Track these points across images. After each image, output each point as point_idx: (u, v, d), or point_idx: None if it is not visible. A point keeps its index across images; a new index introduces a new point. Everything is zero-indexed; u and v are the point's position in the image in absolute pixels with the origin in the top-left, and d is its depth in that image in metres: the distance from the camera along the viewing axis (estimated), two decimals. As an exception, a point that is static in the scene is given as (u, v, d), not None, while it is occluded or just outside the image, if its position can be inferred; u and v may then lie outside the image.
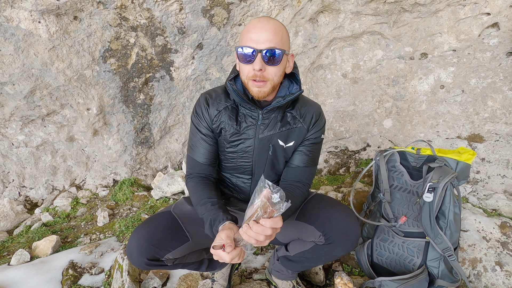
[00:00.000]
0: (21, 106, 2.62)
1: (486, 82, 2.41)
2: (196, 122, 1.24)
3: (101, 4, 2.26)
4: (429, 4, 2.33)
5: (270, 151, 1.21)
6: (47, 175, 3.13)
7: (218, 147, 1.27)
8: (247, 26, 1.08)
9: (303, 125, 1.22)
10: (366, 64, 2.84)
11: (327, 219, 1.15)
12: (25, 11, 2.14)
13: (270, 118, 1.18)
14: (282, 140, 1.21)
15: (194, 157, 1.25)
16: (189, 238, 1.20)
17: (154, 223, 1.18)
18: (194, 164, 1.25)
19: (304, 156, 1.25)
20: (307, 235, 1.21)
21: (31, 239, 2.30)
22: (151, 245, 1.09)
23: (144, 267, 1.12)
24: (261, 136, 1.20)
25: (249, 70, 1.06)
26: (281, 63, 1.07)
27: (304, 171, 1.25)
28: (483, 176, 2.44)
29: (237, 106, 1.21)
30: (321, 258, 1.25)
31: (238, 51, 1.07)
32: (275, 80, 1.09)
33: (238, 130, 1.20)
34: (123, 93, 2.83)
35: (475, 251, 1.66)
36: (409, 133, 2.82)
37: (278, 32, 1.04)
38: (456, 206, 1.48)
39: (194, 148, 1.25)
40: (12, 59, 2.32)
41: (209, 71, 2.91)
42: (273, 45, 1.03)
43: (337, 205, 1.20)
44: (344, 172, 3.19)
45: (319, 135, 1.26)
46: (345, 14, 2.57)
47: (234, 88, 1.13)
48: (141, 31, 2.49)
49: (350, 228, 1.13)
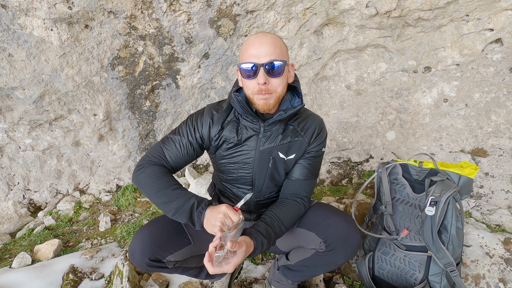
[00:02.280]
0: (30, 111, 2.68)
1: (489, 96, 2.42)
2: (188, 128, 1.23)
3: (112, 13, 2.33)
4: (432, 19, 2.36)
5: (270, 163, 1.23)
6: (52, 179, 3.16)
7: (218, 160, 1.28)
8: (246, 44, 1.10)
9: (304, 138, 1.23)
10: (370, 76, 2.87)
11: (327, 226, 1.16)
12: (39, 19, 2.21)
13: (271, 131, 1.20)
14: (283, 153, 1.23)
15: (165, 151, 1.21)
16: (191, 242, 1.22)
17: (158, 224, 1.20)
18: (160, 155, 1.21)
19: (304, 169, 1.26)
20: (308, 242, 1.22)
21: (33, 242, 2.32)
22: (154, 245, 1.11)
23: (145, 268, 1.14)
24: (262, 148, 1.21)
25: (254, 85, 1.09)
26: (283, 74, 1.10)
27: (304, 184, 1.26)
28: (486, 191, 2.43)
29: (238, 118, 1.22)
30: (322, 266, 1.25)
31: (241, 68, 1.09)
32: (279, 91, 1.12)
33: (240, 141, 1.21)
34: (130, 99, 2.88)
35: (478, 267, 1.63)
36: (412, 145, 2.82)
37: (276, 44, 1.08)
38: (459, 220, 1.47)
39: (171, 144, 1.22)
40: (24, 64, 2.39)
41: (214, 80, 2.96)
42: (273, 58, 1.05)
43: (338, 213, 1.21)
44: (346, 183, 3.18)
45: (320, 148, 1.27)
46: (350, 27, 2.62)
47: (239, 99, 1.15)
48: (150, 40, 2.55)
49: (351, 235, 1.14)
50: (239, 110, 1.17)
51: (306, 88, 3.02)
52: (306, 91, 3.03)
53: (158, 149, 1.22)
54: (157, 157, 1.20)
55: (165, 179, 1.13)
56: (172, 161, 1.21)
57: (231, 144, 1.22)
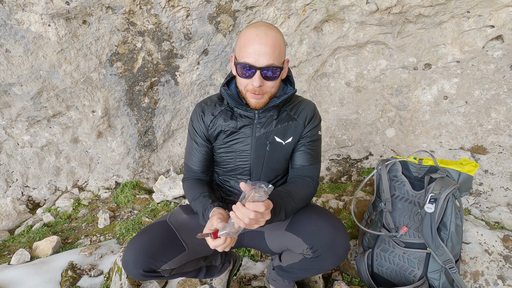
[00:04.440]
0: (28, 107, 2.66)
1: (490, 94, 2.41)
2: (192, 132, 1.29)
3: (110, 9, 2.31)
4: (433, 15, 2.35)
5: (268, 147, 1.23)
6: (50, 176, 3.16)
7: (215, 150, 1.29)
8: (245, 37, 1.05)
9: (299, 121, 1.24)
10: (370, 73, 2.86)
11: (313, 232, 1.14)
12: (36, 15, 2.19)
13: (266, 117, 1.21)
14: (280, 137, 1.23)
15: (189, 164, 1.32)
16: (186, 248, 1.19)
17: (150, 233, 1.17)
18: (188, 170, 1.33)
19: (306, 154, 1.25)
20: (296, 247, 1.20)
21: (32, 239, 2.32)
22: (147, 257, 1.08)
23: (140, 279, 1.12)
24: (258, 134, 1.21)
25: (248, 83, 1.08)
26: (279, 77, 1.09)
27: (310, 169, 1.25)
28: (486, 188, 2.43)
29: (231, 108, 1.23)
30: (311, 270, 1.24)
31: (237, 64, 1.08)
32: (272, 91, 1.13)
33: (236, 129, 1.22)
34: (128, 96, 2.86)
35: (477, 264, 1.64)
36: (412, 143, 2.81)
37: (276, 46, 1.03)
38: (458, 217, 1.47)
39: (189, 156, 1.32)
40: (21, 60, 2.37)
41: (213, 77, 2.94)
42: (271, 62, 1.03)
43: (325, 217, 1.18)
44: (345, 181, 3.18)
45: (316, 131, 1.27)
46: (350, 24, 2.60)
47: (229, 93, 1.16)
48: (148, 36, 2.53)
49: (337, 242, 1.11)
50: (231, 103, 1.19)
51: (306, 85, 3.00)
52: (305, 88, 3.01)
53: (185, 166, 1.36)
54: (186, 172, 1.35)
55: (190, 192, 1.26)
56: (199, 168, 1.31)
57: (227, 132, 1.23)
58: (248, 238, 1.36)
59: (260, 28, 1.04)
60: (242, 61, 1.05)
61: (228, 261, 1.50)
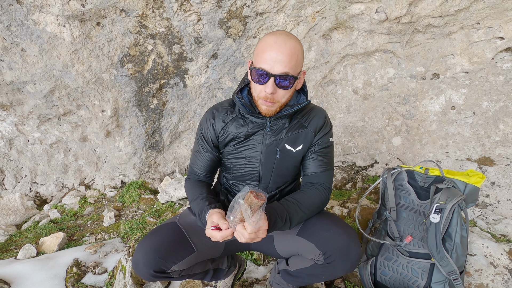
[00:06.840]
0: (40, 105, 2.72)
1: (498, 105, 2.40)
2: (200, 137, 1.31)
3: (124, 12, 2.36)
4: (442, 26, 2.36)
5: (278, 155, 1.23)
6: (58, 173, 3.21)
7: (224, 156, 1.31)
8: (264, 43, 1.07)
9: (309, 129, 1.24)
10: (378, 81, 2.86)
11: (327, 238, 1.14)
12: (52, 16, 2.25)
13: (278, 125, 1.22)
14: (290, 145, 1.23)
15: (193, 166, 1.36)
16: (195, 249, 1.20)
17: (160, 234, 1.18)
18: (192, 172, 1.37)
19: (318, 161, 1.25)
20: (307, 252, 1.20)
21: (38, 235, 2.35)
22: (157, 257, 1.10)
23: (150, 279, 1.13)
24: (268, 142, 1.22)
25: (261, 90, 1.09)
26: (292, 86, 1.10)
27: (322, 176, 1.25)
28: (492, 200, 2.40)
29: (243, 115, 1.24)
30: (320, 276, 1.24)
31: (252, 69, 1.09)
32: (283, 101, 1.14)
33: (247, 136, 1.23)
34: (138, 97, 2.91)
35: (481, 276, 1.62)
36: (418, 152, 2.80)
37: (293, 55, 1.04)
38: (464, 229, 1.46)
39: (195, 159, 1.35)
40: (36, 59, 2.43)
41: (221, 80, 2.97)
42: (286, 70, 1.04)
43: (339, 224, 1.18)
44: (350, 188, 3.17)
45: (327, 139, 1.27)
46: (359, 32, 2.62)
47: (242, 101, 1.17)
48: (159, 39, 2.58)
49: (351, 249, 1.11)
50: (243, 111, 1.20)
51: (313, 91, 3.02)
52: (312, 94, 3.03)
53: (190, 168, 1.40)
54: (190, 174, 1.39)
55: (190, 192, 1.30)
56: (202, 172, 1.35)
57: (239, 139, 1.24)
58: (255, 241, 1.37)
59: (280, 36, 1.05)
60: (257, 66, 1.07)
61: (234, 265, 1.51)
